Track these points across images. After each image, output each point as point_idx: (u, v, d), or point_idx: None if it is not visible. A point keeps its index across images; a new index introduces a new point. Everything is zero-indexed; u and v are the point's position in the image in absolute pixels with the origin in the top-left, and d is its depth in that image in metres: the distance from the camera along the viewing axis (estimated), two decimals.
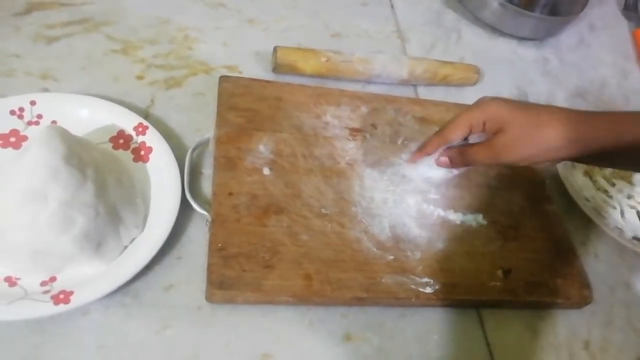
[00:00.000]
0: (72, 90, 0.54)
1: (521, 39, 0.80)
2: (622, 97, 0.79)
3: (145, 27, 0.63)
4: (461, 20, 0.80)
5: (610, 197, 0.63)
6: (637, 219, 0.62)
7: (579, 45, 0.85)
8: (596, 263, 0.58)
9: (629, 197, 0.63)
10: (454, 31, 0.79)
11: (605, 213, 0.61)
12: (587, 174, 0.65)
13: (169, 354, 0.43)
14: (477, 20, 0.80)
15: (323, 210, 0.51)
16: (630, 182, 0.65)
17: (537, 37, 0.81)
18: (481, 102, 0.48)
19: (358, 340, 0.47)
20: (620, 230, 0.60)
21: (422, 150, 0.51)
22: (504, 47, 0.79)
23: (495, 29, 0.80)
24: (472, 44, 0.78)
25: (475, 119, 0.47)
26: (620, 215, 0.62)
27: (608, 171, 0.66)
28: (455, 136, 0.48)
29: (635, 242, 0.60)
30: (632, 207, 0.62)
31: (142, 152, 0.51)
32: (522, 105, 0.47)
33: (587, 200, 0.62)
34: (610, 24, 0.90)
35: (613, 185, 0.65)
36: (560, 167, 0.63)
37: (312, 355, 0.46)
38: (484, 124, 0.47)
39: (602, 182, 0.64)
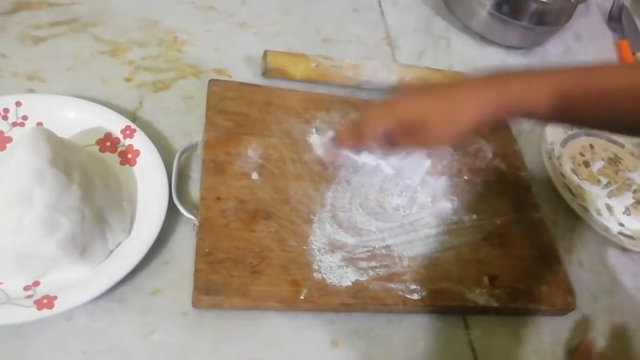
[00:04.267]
0: (58, 92, 0.53)
1: (509, 47, 0.81)
2: None
3: (133, 28, 0.63)
4: (450, 28, 0.81)
5: (589, 196, 0.65)
6: (622, 214, 0.65)
7: (565, 54, 0.86)
8: (580, 271, 0.59)
9: (611, 193, 0.66)
10: (443, 39, 0.79)
11: (591, 209, 0.63)
12: (574, 172, 0.67)
13: (154, 359, 0.42)
14: (466, 28, 0.81)
15: (311, 216, 0.51)
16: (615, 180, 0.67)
17: (525, 46, 0.82)
18: (398, 100, 0.50)
19: (345, 346, 0.47)
20: (606, 227, 0.62)
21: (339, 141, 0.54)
22: (492, 55, 0.80)
23: (483, 38, 0.80)
24: (461, 52, 0.78)
25: (392, 117, 0.48)
26: (607, 211, 0.64)
27: (595, 168, 0.68)
28: (372, 134, 0.49)
29: (621, 237, 0.62)
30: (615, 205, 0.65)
31: (130, 155, 0.51)
32: (437, 94, 0.49)
33: (574, 196, 0.63)
34: (596, 35, 0.92)
35: (598, 182, 0.67)
36: (549, 166, 0.64)
37: None
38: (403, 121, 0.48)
39: (584, 184, 0.66)
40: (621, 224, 0.64)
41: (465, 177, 0.60)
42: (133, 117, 0.54)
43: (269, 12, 0.71)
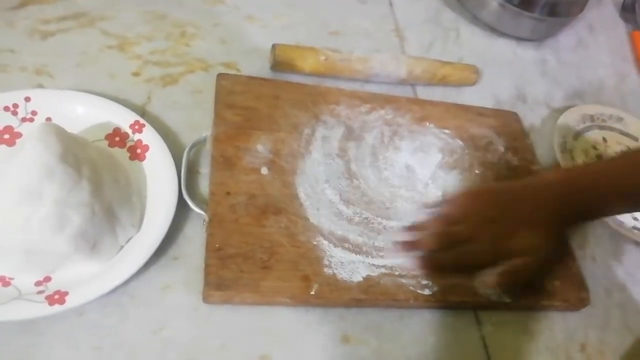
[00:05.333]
0: (67, 87, 0.53)
1: (520, 39, 0.80)
2: (619, 99, 0.79)
3: (141, 22, 0.62)
4: (460, 19, 0.80)
5: None
6: None
7: (577, 46, 0.85)
8: (593, 266, 0.58)
9: None
10: (453, 30, 0.78)
11: None
12: None
13: (165, 354, 0.42)
14: (476, 19, 0.80)
15: (322, 211, 0.51)
16: None
17: (536, 38, 0.81)
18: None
19: (356, 342, 0.47)
20: (620, 221, 0.61)
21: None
22: (502, 47, 0.79)
23: (494, 29, 0.79)
24: (471, 43, 0.77)
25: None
26: None
27: None
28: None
29: (636, 231, 0.61)
30: None
31: (139, 150, 0.50)
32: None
33: None
34: (609, 26, 0.90)
35: None
36: (561, 160, 0.63)
37: (309, 357, 0.45)
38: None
39: None
40: (635, 218, 0.63)
41: (477, 171, 0.60)
42: (142, 112, 0.54)
43: (275, 5, 0.70)
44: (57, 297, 0.41)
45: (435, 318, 0.50)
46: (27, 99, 0.50)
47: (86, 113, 0.51)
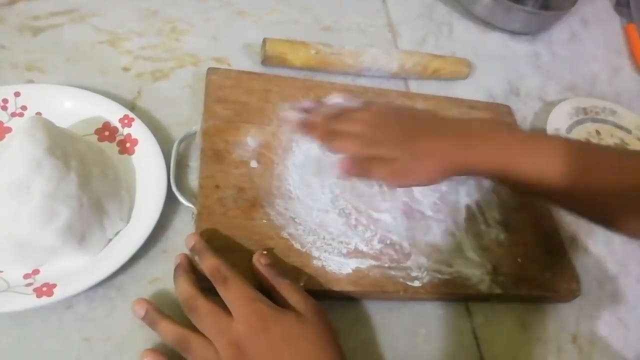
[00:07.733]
0: (58, 82, 0.53)
1: (513, 33, 0.80)
2: (613, 93, 0.79)
3: (132, 18, 0.62)
4: (453, 13, 0.80)
5: None
6: None
7: (571, 40, 0.84)
8: (585, 257, 0.58)
9: None
10: (446, 25, 0.78)
11: None
12: None
13: (154, 346, 0.42)
14: (469, 14, 0.80)
15: (311, 204, 0.51)
16: None
17: (529, 32, 0.81)
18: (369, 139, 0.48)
19: (345, 334, 0.46)
20: None
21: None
22: (495, 41, 0.79)
23: (487, 23, 0.79)
24: (464, 37, 0.77)
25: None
26: None
27: None
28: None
29: None
30: None
31: (128, 145, 0.51)
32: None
33: None
34: (603, 20, 0.90)
35: None
36: None
37: None
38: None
39: None
40: None
41: None
42: (132, 107, 0.54)
43: (267, 0, 0.70)
44: (45, 290, 0.41)
45: (426, 310, 0.50)
46: (17, 94, 0.50)
47: (76, 107, 0.51)
